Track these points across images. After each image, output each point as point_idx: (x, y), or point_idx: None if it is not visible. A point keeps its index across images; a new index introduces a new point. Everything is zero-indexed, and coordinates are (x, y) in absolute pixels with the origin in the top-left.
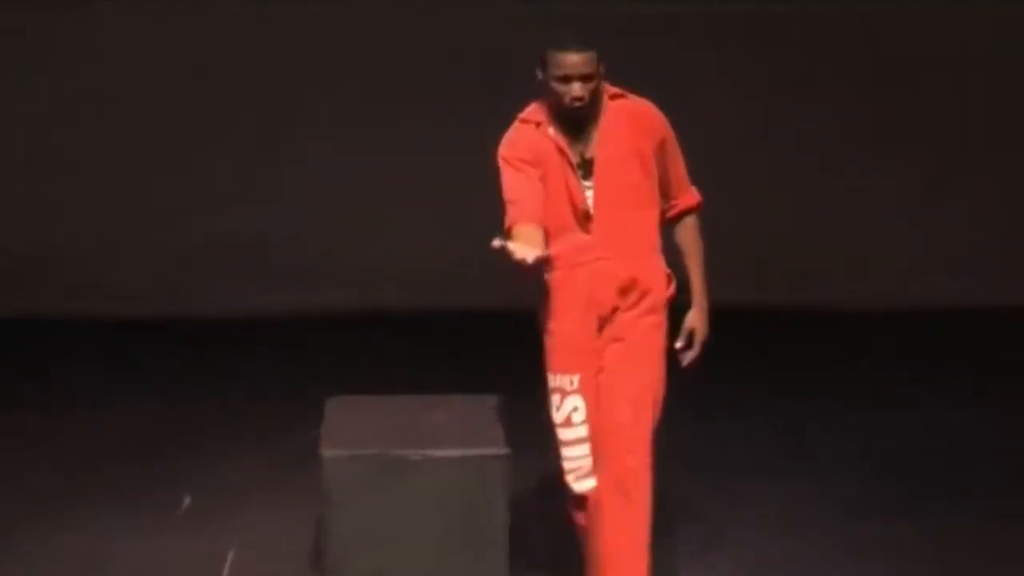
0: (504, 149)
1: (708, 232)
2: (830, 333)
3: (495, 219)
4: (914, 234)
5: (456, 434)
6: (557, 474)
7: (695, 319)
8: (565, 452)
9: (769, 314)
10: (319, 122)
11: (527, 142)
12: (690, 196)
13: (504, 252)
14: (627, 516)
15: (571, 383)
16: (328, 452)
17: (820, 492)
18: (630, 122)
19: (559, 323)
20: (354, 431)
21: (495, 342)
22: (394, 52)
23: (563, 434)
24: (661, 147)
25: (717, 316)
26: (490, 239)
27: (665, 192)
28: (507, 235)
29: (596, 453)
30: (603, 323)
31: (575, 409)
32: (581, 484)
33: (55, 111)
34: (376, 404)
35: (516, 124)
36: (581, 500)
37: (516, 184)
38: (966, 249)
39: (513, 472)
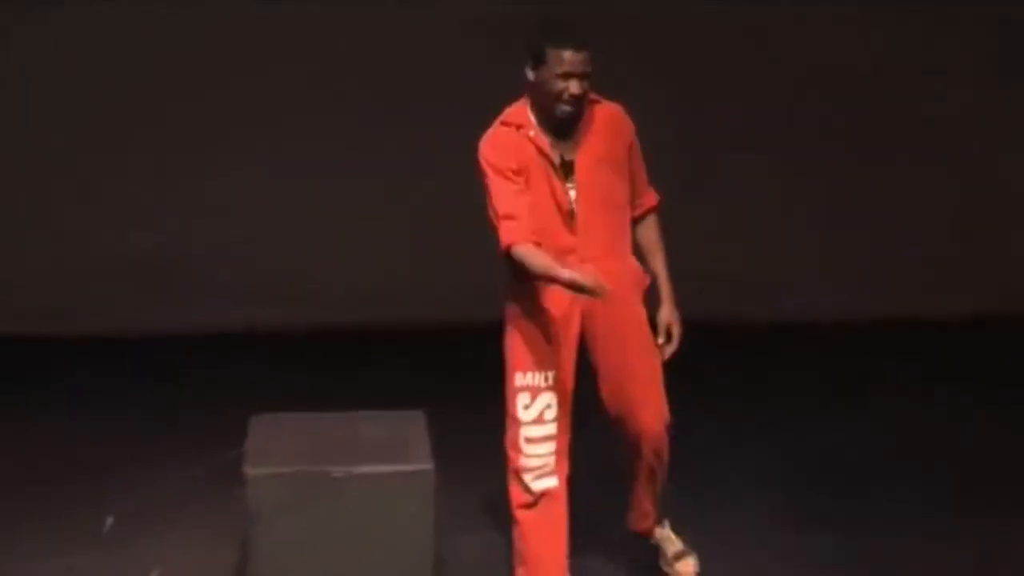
0: (490, 154)
1: None
2: (741, 346)
3: (417, 236)
4: (825, 248)
5: (380, 450)
6: (508, 475)
7: (670, 314)
8: (530, 450)
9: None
10: (236, 139)
11: (511, 147)
12: (652, 196)
13: (574, 287)
14: (656, 477)
15: (546, 379)
16: (251, 470)
17: (745, 504)
18: (606, 126)
19: (537, 322)
20: (278, 448)
21: (419, 358)
22: (312, 68)
23: (531, 431)
24: (630, 150)
25: None
26: (415, 255)
27: (630, 193)
28: (506, 252)
29: (625, 433)
30: (588, 323)
31: (548, 406)
32: (541, 483)
33: None
34: (300, 421)
35: (497, 127)
36: (535, 500)
37: (509, 197)
38: (879, 262)
39: (439, 487)
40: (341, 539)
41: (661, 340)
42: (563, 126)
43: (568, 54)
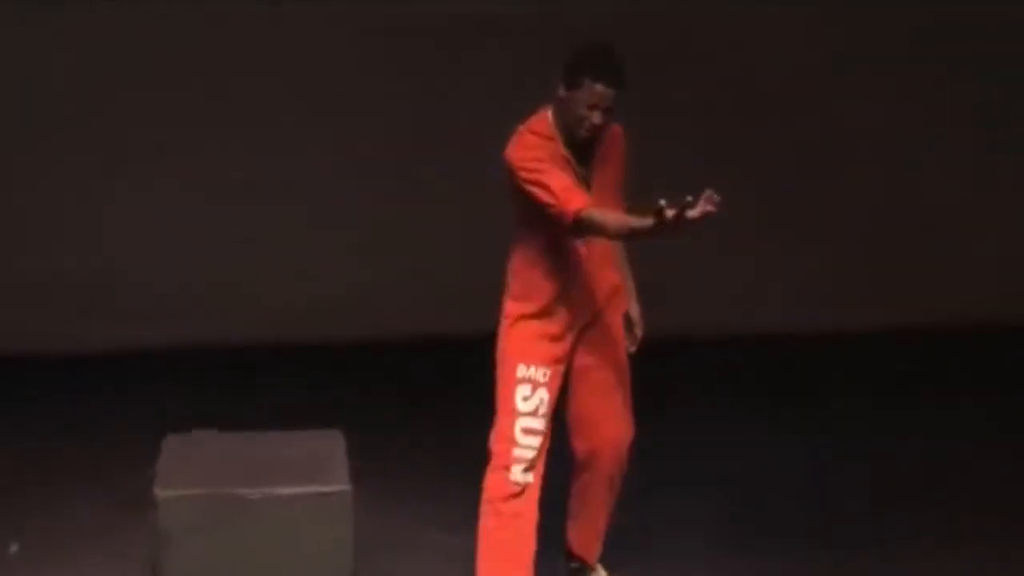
0: (527, 154)
1: None
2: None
3: (339, 253)
4: (744, 261)
5: (297, 470)
6: (489, 470)
7: (638, 312)
8: (524, 441)
9: None
10: (156, 154)
11: (546, 150)
12: (623, 205)
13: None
14: (609, 500)
15: (544, 376)
16: (162, 492)
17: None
18: (611, 144)
19: (540, 319)
20: (191, 469)
21: (337, 376)
22: (238, 79)
23: (528, 423)
24: (623, 171)
25: None
26: (337, 272)
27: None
28: (581, 217)
29: (589, 441)
30: (586, 325)
31: (542, 401)
32: (527, 476)
33: None
34: (214, 441)
35: (526, 135)
36: (520, 491)
37: (560, 175)
38: (800, 276)
39: (358, 509)
40: (256, 564)
41: (630, 335)
42: (581, 147)
43: (600, 88)
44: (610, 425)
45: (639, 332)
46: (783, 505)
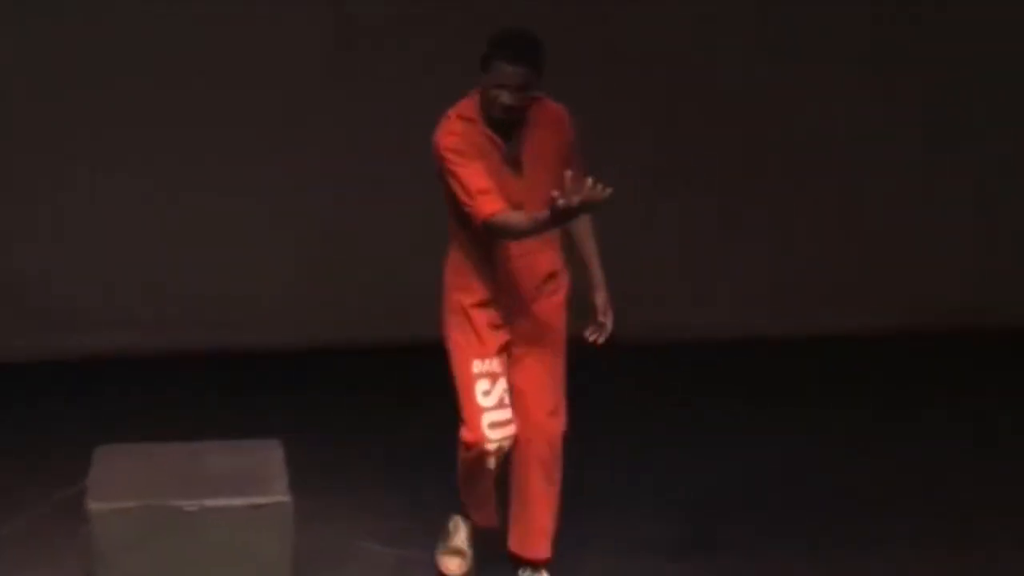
0: (450, 142)
1: None
2: (616, 366)
3: (275, 259)
4: (700, 265)
5: (233, 481)
6: (456, 448)
7: (604, 300)
8: (493, 435)
9: None
10: (97, 152)
11: (468, 136)
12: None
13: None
14: (548, 490)
15: (499, 365)
16: (94, 504)
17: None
18: (549, 125)
19: (483, 311)
20: (124, 481)
21: (272, 383)
22: (184, 75)
23: (495, 416)
24: (570, 148)
25: None
26: (272, 279)
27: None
28: (489, 223)
29: (520, 433)
30: (519, 310)
31: (505, 390)
32: (496, 463)
33: None
34: (147, 452)
35: (452, 118)
36: (494, 473)
37: (477, 174)
38: (756, 281)
39: (296, 519)
40: None
41: (596, 323)
42: (507, 125)
43: (506, 67)
44: (540, 413)
45: (605, 321)
46: (772, 508)
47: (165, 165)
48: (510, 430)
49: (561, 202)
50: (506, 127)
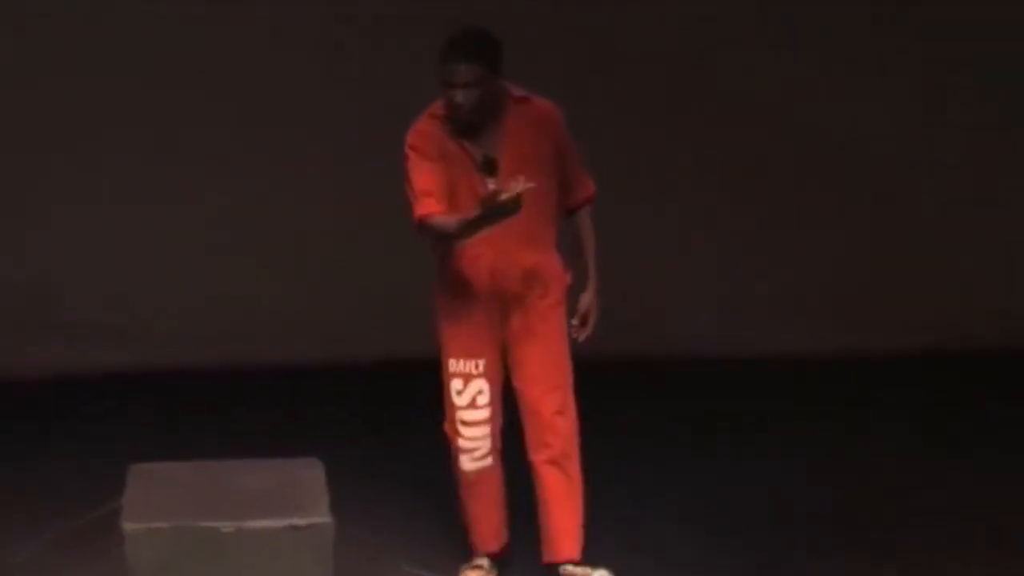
0: (413, 139)
1: None
2: (642, 382)
3: (306, 270)
4: (725, 280)
5: (272, 502)
6: (449, 457)
7: (589, 300)
8: (467, 432)
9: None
10: (108, 163)
11: (433, 136)
12: (587, 188)
13: (496, 195)
14: (567, 490)
15: (476, 367)
16: (130, 525)
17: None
18: (534, 125)
19: (463, 310)
20: (159, 501)
21: (311, 400)
22: (180, 81)
23: (467, 415)
24: (561, 146)
25: None
26: (300, 290)
27: (565, 186)
28: (421, 224)
29: (529, 437)
30: (508, 311)
31: (480, 392)
32: (478, 463)
33: None
34: (183, 471)
35: (425, 117)
36: (475, 479)
37: (426, 175)
38: (788, 296)
39: (337, 542)
40: None
41: (576, 323)
42: (469, 126)
43: (448, 67)
44: (546, 413)
45: (587, 320)
46: (796, 525)
47: (186, 173)
48: (482, 431)
49: (487, 205)
50: (471, 128)
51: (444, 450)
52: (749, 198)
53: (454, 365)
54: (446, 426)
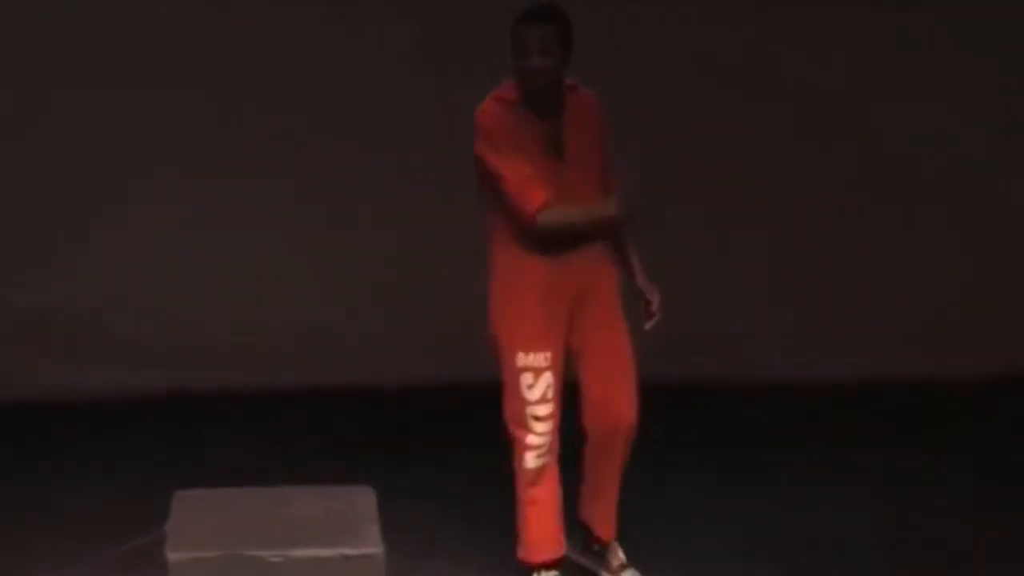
0: (487, 122)
1: None
2: (710, 408)
3: (347, 290)
4: (792, 304)
5: (322, 530)
6: (514, 452)
7: (647, 284)
8: (538, 427)
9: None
10: (128, 182)
11: (506, 118)
12: (615, 179)
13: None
14: (619, 474)
15: (546, 359)
16: (173, 553)
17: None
18: (587, 111)
19: (528, 303)
20: (204, 529)
21: (357, 424)
22: (212, 100)
23: (538, 410)
24: (604, 137)
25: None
26: (345, 310)
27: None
28: (534, 219)
29: (600, 424)
30: (572, 302)
31: (549, 385)
32: (542, 459)
33: None
34: (229, 497)
35: (491, 102)
36: (536, 477)
37: (519, 160)
38: (853, 321)
39: (389, 572)
40: None
41: (649, 299)
42: (541, 103)
43: (526, 27)
44: (618, 406)
45: (654, 304)
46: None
47: (217, 194)
48: (550, 425)
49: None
50: (544, 105)
51: (500, 476)
52: (813, 213)
53: (523, 359)
54: (510, 425)
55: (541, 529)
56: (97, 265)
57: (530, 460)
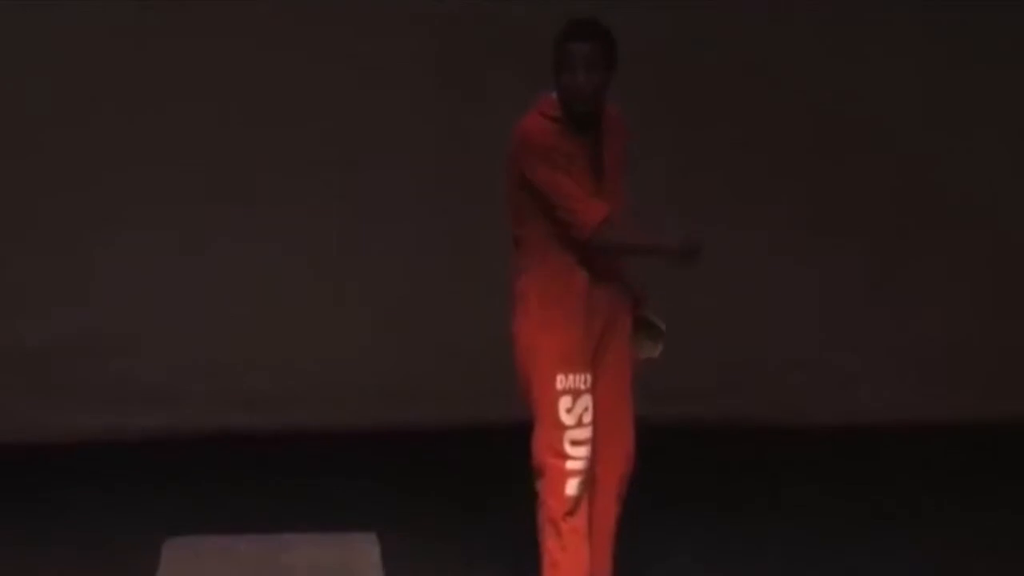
0: (540, 139)
1: None
2: (748, 448)
3: (359, 331)
4: (844, 340)
5: None
6: (544, 484)
7: (654, 312)
8: (575, 452)
9: (662, 428)
10: (134, 215)
11: (556, 137)
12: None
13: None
14: (618, 514)
15: (584, 382)
16: None
17: None
18: (615, 128)
19: (565, 324)
20: None
21: (353, 467)
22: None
23: (576, 434)
24: (627, 151)
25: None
26: (355, 355)
27: None
28: (592, 236)
29: (603, 452)
30: (603, 323)
31: (586, 409)
32: (581, 489)
33: None
34: (223, 546)
35: (536, 117)
36: (574, 507)
37: (571, 182)
38: (905, 359)
39: None
40: None
41: (660, 330)
42: (583, 121)
43: (571, 44)
44: (619, 443)
45: (660, 335)
46: None
47: (225, 220)
48: (588, 450)
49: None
50: (586, 123)
51: (510, 523)
52: (856, 238)
53: (562, 381)
54: (543, 455)
55: (578, 561)
56: (96, 302)
57: (571, 487)
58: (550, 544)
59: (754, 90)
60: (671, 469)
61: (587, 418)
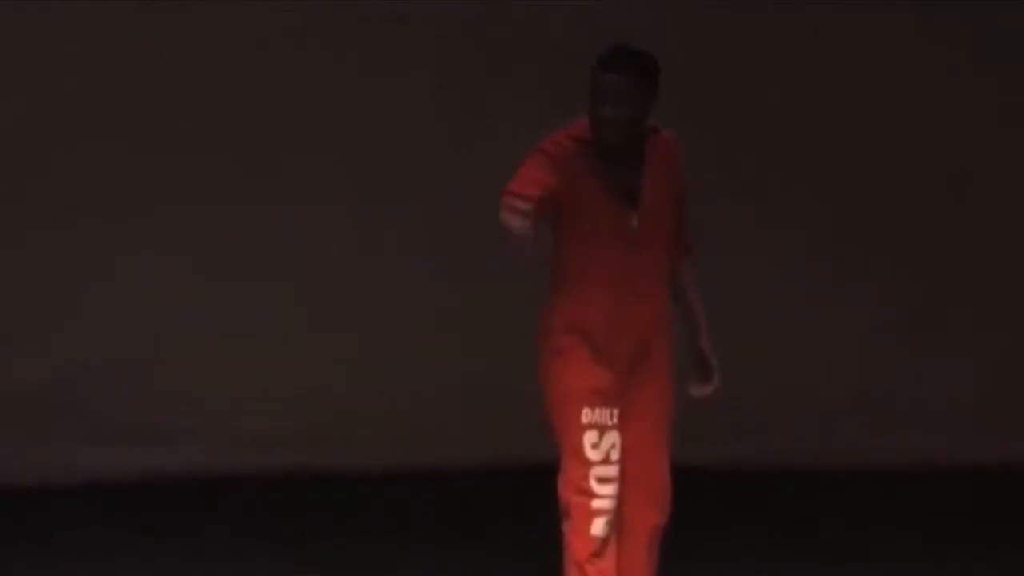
0: (546, 144)
1: None
2: (776, 492)
3: (353, 362)
4: (878, 381)
5: None
6: (569, 524)
7: (709, 349)
8: (601, 490)
9: (701, 471)
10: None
11: (567, 149)
12: (689, 236)
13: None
14: (651, 562)
15: (611, 417)
16: None
17: None
18: (667, 158)
19: (592, 356)
20: None
21: (353, 510)
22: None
23: (602, 471)
24: (683, 186)
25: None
26: (345, 393)
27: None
28: (520, 198)
29: (631, 498)
30: (631, 358)
31: (613, 446)
32: (608, 529)
33: None
34: None
35: (558, 134)
36: (601, 548)
37: (546, 172)
38: (940, 400)
39: None
40: None
41: (710, 363)
42: (616, 151)
43: (605, 75)
44: (649, 487)
45: (711, 371)
46: None
47: (217, 268)
48: (615, 488)
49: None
50: (618, 157)
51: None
52: (902, 277)
53: (588, 415)
54: (568, 493)
55: None
56: (73, 334)
57: (597, 527)
58: None
59: (807, 127)
60: (710, 512)
61: (615, 455)
